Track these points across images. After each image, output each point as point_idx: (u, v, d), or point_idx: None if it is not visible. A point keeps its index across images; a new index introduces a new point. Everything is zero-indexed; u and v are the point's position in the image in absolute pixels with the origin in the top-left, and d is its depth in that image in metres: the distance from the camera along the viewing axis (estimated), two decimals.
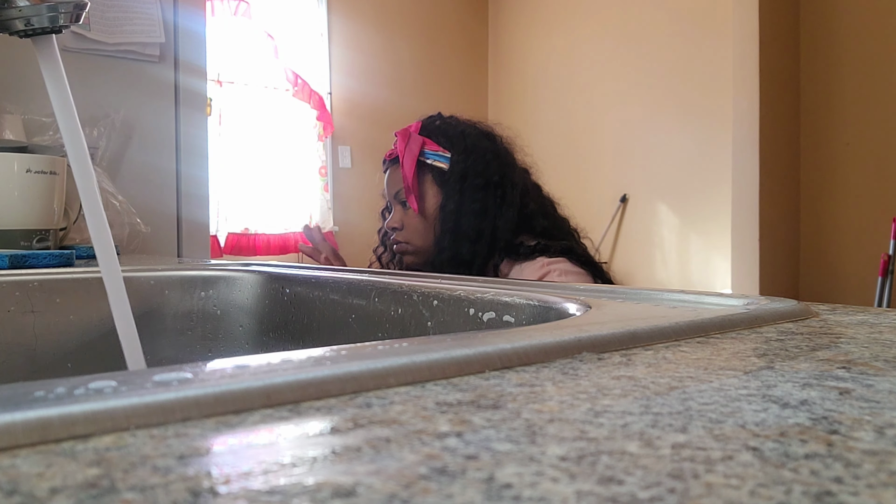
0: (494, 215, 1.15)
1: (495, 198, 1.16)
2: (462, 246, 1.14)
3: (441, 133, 1.21)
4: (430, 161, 1.19)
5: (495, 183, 1.17)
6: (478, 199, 1.16)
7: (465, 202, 1.16)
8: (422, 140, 1.20)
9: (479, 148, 1.19)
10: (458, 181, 1.17)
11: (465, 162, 1.17)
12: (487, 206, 1.15)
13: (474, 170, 1.17)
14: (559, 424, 0.18)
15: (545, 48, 4.30)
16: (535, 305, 0.46)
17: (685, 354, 0.28)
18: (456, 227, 1.15)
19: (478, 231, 1.15)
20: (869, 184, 3.11)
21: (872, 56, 3.07)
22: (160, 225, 1.41)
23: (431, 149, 1.19)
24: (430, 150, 1.19)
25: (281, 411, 0.19)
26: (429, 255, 1.21)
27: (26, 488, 0.14)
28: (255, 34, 3.70)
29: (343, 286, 0.63)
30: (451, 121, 1.25)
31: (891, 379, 0.23)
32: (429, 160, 1.19)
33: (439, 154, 1.19)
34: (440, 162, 1.19)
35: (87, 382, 0.20)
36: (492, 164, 1.18)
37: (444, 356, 0.24)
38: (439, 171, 1.19)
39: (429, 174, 1.20)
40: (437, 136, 1.20)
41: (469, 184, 1.16)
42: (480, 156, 1.18)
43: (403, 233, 1.22)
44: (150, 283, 0.73)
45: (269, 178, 3.78)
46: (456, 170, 1.17)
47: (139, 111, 1.43)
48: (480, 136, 1.21)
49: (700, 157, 3.53)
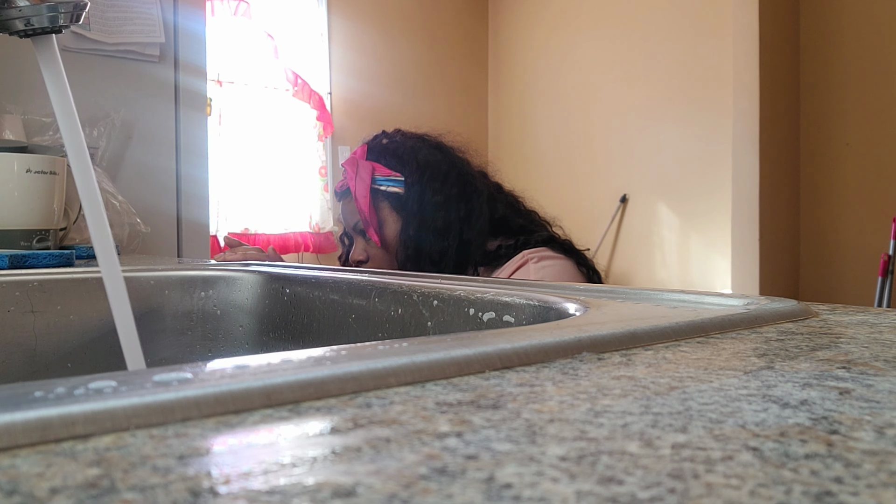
0: (460, 230, 1.10)
1: (458, 211, 1.11)
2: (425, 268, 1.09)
3: (390, 154, 1.15)
4: (384, 188, 1.13)
5: (456, 196, 1.11)
6: (439, 217, 1.10)
7: (427, 222, 1.10)
8: (371, 166, 1.13)
9: (432, 163, 1.12)
10: (416, 202, 1.10)
11: (421, 181, 1.11)
12: (450, 222, 1.10)
13: (432, 187, 1.11)
14: (559, 424, 0.18)
15: (545, 48, 4.29)
16: (535, 305, 0.46)
17: (685, 354, 0.28)
18: (417, 251, 1.10)
19: (441, 250, 1.09)
20: (869, 184, 3.11)
21: (872, 56, 3.07)
22: (160, 225, 1.41)
23: (382, 174, 1.13)
24: (382, 176, 1.13)
25: (281, 411, 0.19)
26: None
27: (26, 488, 0.14)
28: (255, 34, 3.70)
29: (343, 286, 0.63)
30: (398, 138, 1.18)
31: (891, 379, 0.23)
32: (382, 186, 1.13)
33: (392, 179, 1.13)
34: (394, 187, 1.12)
35: (87, 382, 0.20)
36: (449, 177, 1.12)
37: (444, 356, 0.24)
38: (395, 196, 1.12)
39: (384, 201, 1.13)
40: (386, 159, 1.14)
41: (429, 202, 1.11)
42: (436, 171, 1.12)
43: (369, 265, 1.17)
44: (150, 283, 0.73)
45: (269, 178, 3.78)
46: (413, 192, 1.11)
47: (139, 111, 1.43)
48: (431, 149, 1.15)
49: (700, 157, 3.53)
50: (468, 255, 1.11)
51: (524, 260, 1.07)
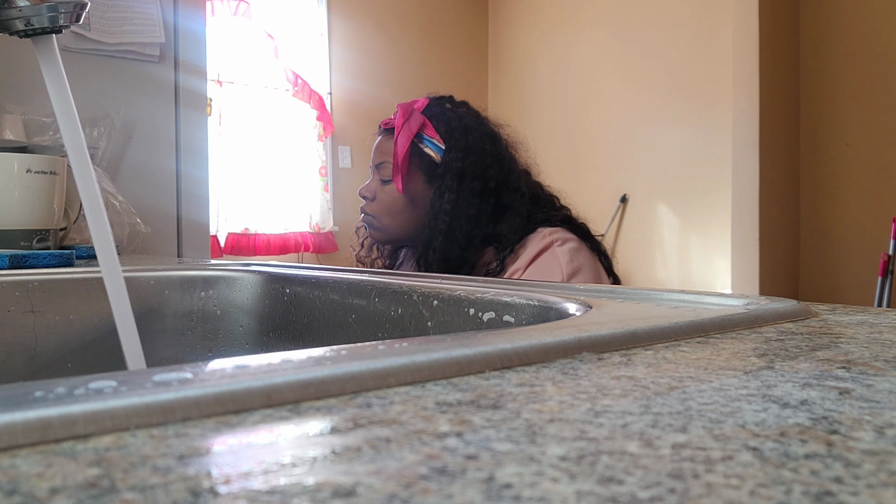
0: (487, 223, 1.11)
1: (489, 205, 1.12)
2: (452, 250, 1.10)
3: (444, 121, 1.14)
4: (423, 146, 1.13)
5: (491, 190, 1.12)
6: (473, 205, 1.11)
7: (460, 205, 1.11)
8: (422, 120, 1.13)
9: (478, 149, 1.13)
10: (454, 179, 1.11)
11: (463, 161, 1.11)
12: (482, 214, 1.11)
13: (472, 172, 1.11)
14: (559, 424, 0.18)
15: (545, 48, 4.30)
16: (535, 305, 0.46)
17: (685, 354, 0.28)
18: (450, 230, 1.10)
19: (468, 236, 1.11)
20: (869, 184, 3.11)
21: (872, 56, 3.07)
22: (160, 225, 1.41)
23: (429, 134, 1.13)
24: (427, 136, 1.13)
25: (281, 411, 0.19)
26: (394, 236, 1.17)
27: (26, 488, 0.14)
28: (255, 34, 3.70)
29: (343, 286, 0.63)
30: (459, 110, 1.17)
31: (891, 379, 0.23)
32: (422, 144, 1.13)
33: (434, 143, 1.13)
34: (432, 150, 1.13)
35: (87, 382, 0.20)
36: (491, 169, 1.12)
37: (444, 356, 0.24)
38: (428, 159, 1.13)
39: (417, 158, 1.13)
40: (438, 122, 1.14)
41: (465, 186, 1.11)
42: (479, 158, 1.12)
43: (374, 205, 1.17)
44: (150, 283, 0.73)
45: (269, 178, 3.78)
46: (450, 166, 1.11)
47: (139, 111, 1.43)
48: (484, 136, 1.15)
49: (700, 157, 3.53)
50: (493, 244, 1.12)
51: (548, 241, 1.08)
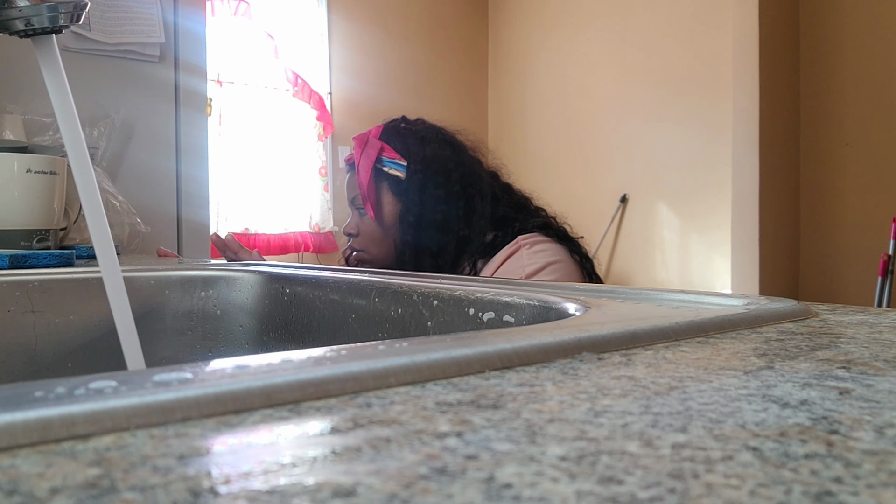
0: (457, 228, 1.13)
1: (458, 209, 1.13)
2: (424, 259, 1.12)
3: (402, 139, 1.17)
4: (387, 169, 1.16)
5: (457, 194, 1.14)
6: (440, 211, 1.13)
7: (426, 214, 1.13)
8: (380, 146, 1.16)
9: (439, 157, 1.15)
10: (417, 192, 1.13)
11: (424, 172, 1.14)
12: (450, 219, 1.13)
13: (434, 181, 1.13)
14: (559, 424, 0.18)
15: (545, 48, 4.29)
16: (535, 305, 0.46)
17: (685, 354, 0.28)
18: (416, 240, 1.13)
19: (439, 244, 1.12)
20: (869, 184, 3.11)
21: (872, 56, 3.07)
22: (160, 225, 1.41)
23: (388, 156, 1.16)
24: (387, 158, 1.16)
25: (281, 411, 0.19)
26: (385, 263, 1.19)
27: (26, 488, 0.14)
28: (255, 34, 3.70)
29: (343, 286, 0.63)
30: (414, 126, 1.20)
31: (891, 379, 0.23)
32: (385, 167, 1.16)
33: (395, 162, 1.15)
34: (396, 170, 1.15)
35: (87, 382, 0.20)
36: (453, 175, 1.15)
37: (444, 356, 0.24)
38: (395, 179, 1.16)
39: (385, 182, 1.16)
40: (396, 142, 1.17)
41: (429, 195, 1.13)
42: (441, 166, 1.15)
43: (359, 239, 1.20)
44: (150, 283, 0.73)
45: (269, 178, 3.78)
46: (413, 178, 1.14)
47: (139, 111, 1.43)
48: (443, 143, 1.18)
49: (700, 157, 3.53)
50: (465, 249, 1.13)
51: (517, 246, 1.09)
